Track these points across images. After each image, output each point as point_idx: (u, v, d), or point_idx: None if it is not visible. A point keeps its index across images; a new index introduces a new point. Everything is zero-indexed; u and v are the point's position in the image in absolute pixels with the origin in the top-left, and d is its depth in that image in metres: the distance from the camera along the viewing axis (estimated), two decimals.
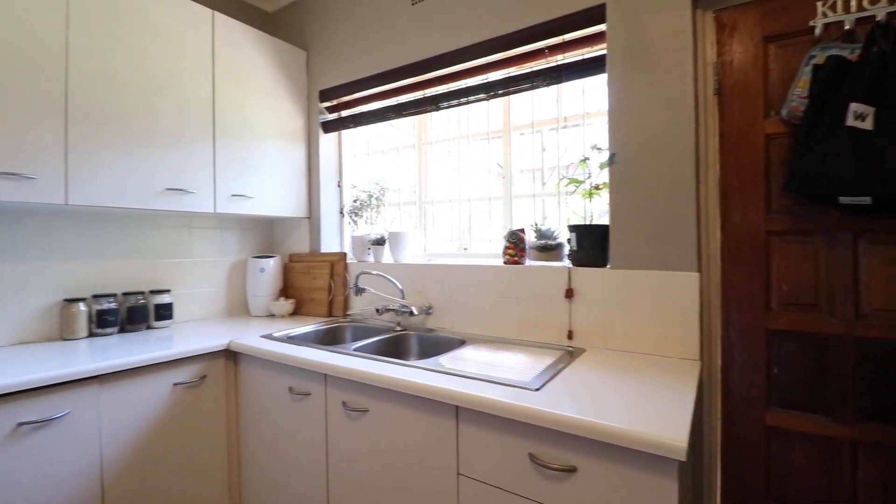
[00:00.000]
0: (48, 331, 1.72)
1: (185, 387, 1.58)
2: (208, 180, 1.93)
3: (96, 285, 1.85)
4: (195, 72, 1.88)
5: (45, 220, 1.73)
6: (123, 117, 1.66)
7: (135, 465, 1.45)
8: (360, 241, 2.18)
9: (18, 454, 1.22)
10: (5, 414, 1.20)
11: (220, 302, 2.29)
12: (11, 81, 1.41)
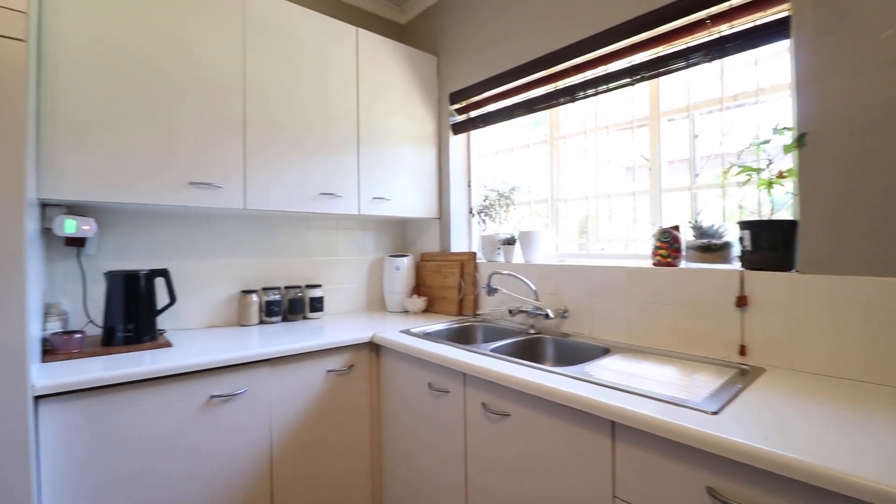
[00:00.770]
0: (228, 317, 2.02)
1: (336, 374, 1.71)
2: (353, 185, 2.08)
3: (264, 279, 2.12)
4: (343, 86, 2.05)
5: (226, 223, 2.03)
6: (285, 131, 1.87)
7: (296, 440, 1.61)
8: (490, 241, 2.16)
9: (210, 421, 1.43)
10: (202, 386, 1.42)
11: (360, 297, 2.46)
12: (207, 106, 1.67)
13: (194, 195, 1.64)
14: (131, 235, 1.79)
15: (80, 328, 1.62)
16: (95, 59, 1.45)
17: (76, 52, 1.42)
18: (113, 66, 1.48)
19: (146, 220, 1.82)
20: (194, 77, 1.64)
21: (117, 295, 1.53)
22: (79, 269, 1.65)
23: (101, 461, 1.25)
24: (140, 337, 1.54)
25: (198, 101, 1.65)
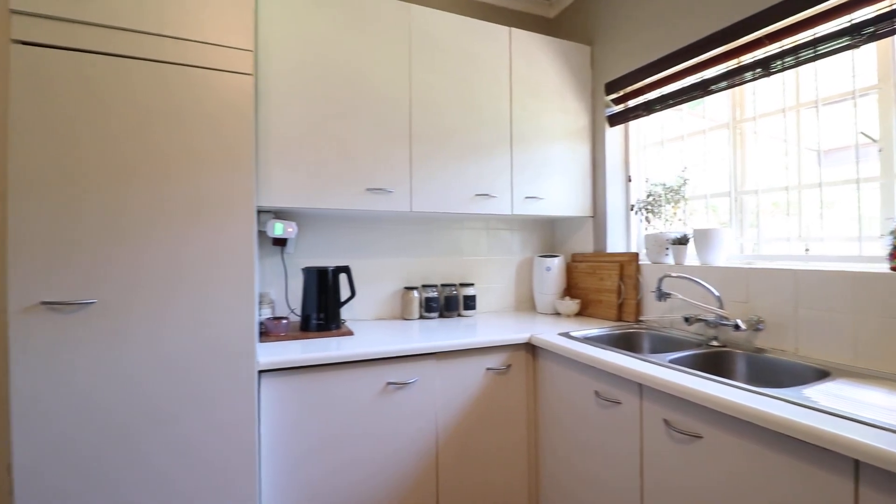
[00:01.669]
0: (392, 311, 2.19)
1: (495, 372, 1.73)
2: (506, 185, 2.08)
3: (423, 277, 2.25)
4: (496, 88, 2.06)
5: (391, 225, 2.20)
6: (444, 136, 1.95)
7: (458, 432, 1.67)
8: (656, 240, 1.96)
9: (386, 406, 1.56)
10: (380, 373, 1.55)
11: (509, 297, 2.46)
12: (379, 120, 1.83)
13: (370, 200, 1.80)
14: (319, 236, 2.05)
15: (284, 315, 1.92)
16: (293, 87, 1.69)
17: (280, 82, 1.67)
18: (306, 92, 1.71)
19: (330, 223, 2.08)
20: (368, 95, 1.81)
21: (311, 287, 1.77)
22: (282, 264, 1.95)
23: (303, 430, 1.45)
24: (329, 325, 1.76)
25: (371, 116, 1.82)
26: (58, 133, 1.18)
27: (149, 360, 1.25)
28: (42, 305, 1.14)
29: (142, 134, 1.25)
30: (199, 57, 1.32)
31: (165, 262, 1.27)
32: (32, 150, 1.16)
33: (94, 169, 1.21)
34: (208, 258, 1.31)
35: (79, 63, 1.20)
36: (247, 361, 1.34)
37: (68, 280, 1.17)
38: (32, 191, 1.15)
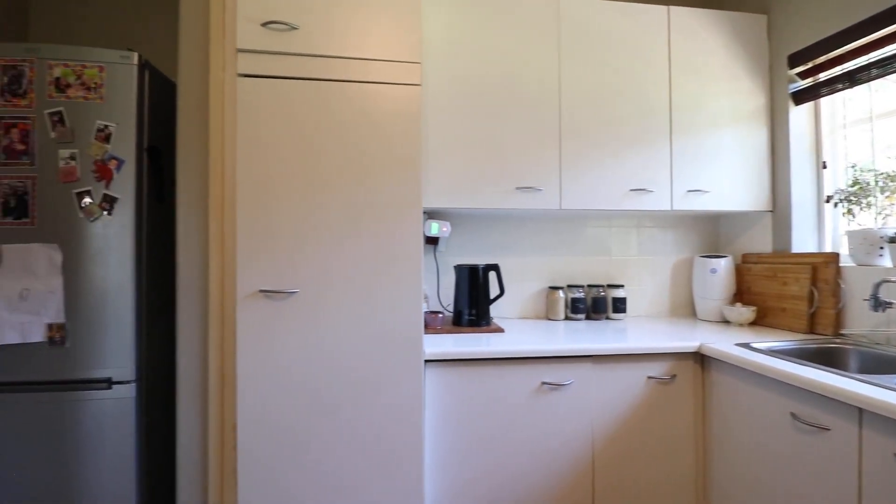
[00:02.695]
0: (536, 310, 2.16)
1: (657, 382, 1.60)
2: (665, 178, 1.92)
3: (568, 276, 2.19)
4: (652, 74, 1.91)
5: (536, 224, 2.18)
6: (595, 130, 1.86)
7: (615, 443, 1.58)
8: (866, 238, 1.62)
9: (540, 406, 1.54)
10: (535, 372, 1.54)
11: (663, 301, 2.26)
12: (530, 116, 1.82)
13: (520, 199, 1.81)
14: (466, 235, 2.12)
15: (437, 310, 2.03)
16: (446, 92, 1.77)
17: (435, 88, 1.76)
18: (458, 95, 1.78)
19: (476, 222, 2.13)
20: (517, 94, 1.81)
21: (463, 284, 1.83)
22: (434, 262, 2.06)
23: (462, 420, 1.51)
24: (479, 321, 1.81)
25: (520, 114, 1.82)
26: (271, 149, 1.40)
27: (337, 342, 1.41)
28: (260, 293, 1.37)
29: (333, 146, 1.43)
30: (376, 73, 1.45)
31: (350, 258, 1.42)
32: (253, 165, 1.39)
33: (297, 179, 1.41)
34: (384, 255, 1.44)
35: (285, 88, 1.42)
36: (415, 350, 1.44)
37: (278, 273, 1.39)
38: (253, 199, 1.39)
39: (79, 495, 1.38)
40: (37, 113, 1.39)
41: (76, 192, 1.39)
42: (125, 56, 1.44)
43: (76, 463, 1.38)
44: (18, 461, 1.37)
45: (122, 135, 1.43)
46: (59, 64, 1.41)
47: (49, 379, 1.37)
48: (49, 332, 1.37)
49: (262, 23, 1.40)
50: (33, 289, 1.36)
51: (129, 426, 1.40)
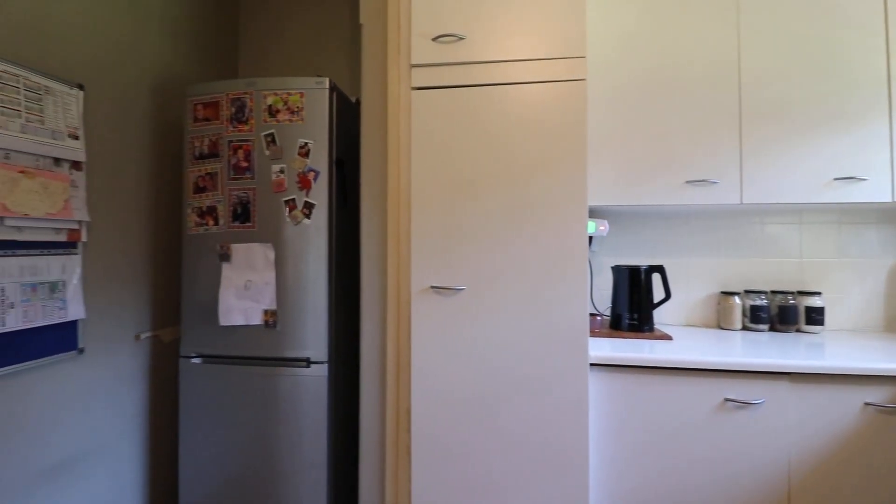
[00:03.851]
0: (705, 318, 1.95)
1: (878, 410, 1.32)
2: (883, 164, 1.57)
3: (746, 281, 1.93)
4: (862, 39, 1.58)
5: (705, 220, 1.96)
6: (785, 111, 1.61)
7: (819, 477, 1.35)
8: None
9: (720, 424, 1.39)
10: (715, 387, 1.39)
11: (875, 313, 1.86)
12: (701, 100, 1.65)
13: (691, 193, 1.65)
14: (621, 233, 2.01)
15: (592, 312, 1.96)
16: (603, 81, 1.69)
17: (590, 78, 1.69)
18: (615, 85, 1.68)
19: (632, 219, 2.01)
20: (685, 77, 1.65)
21: (622, 286, 1.74)
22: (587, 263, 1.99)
23: (627, 431, 1.43)
24: (641, 326, 1.69)
25: (689, 99, 1.65)
26: (440, 155, 1.50)
27: (501, 338, 1.45)
28: (431, 289, 1.47)
29: (498, 148, 1.47)
30: (539, 72, 1.45)
31: (515, 257, 1.45)
32: (424, 170, 1.50)
33: (464, 181, 1.48)
34: (549, 254, 1.43)
35: (452, 96, 1.50)
36: (580, 352, 1.41)
37: (447, 270, 1.48)
38: (425, 202, 1.50)
39: (281, 453, 1.64)
40: (255, 136, 1.68)
41: (284, 199, 1.65)
42: (319, 82, 1.67)
43: (281, 426, 1.64)
44: (238, 420, 1.67)
45: (318, 150, 1.65)
46: (271, 93, 1.68)
47: (263, 355, 1.65)
48: (265, 317, 1.65)
49: (433, 37, 1.50)
50: (254, 280, 1.65)
51: (322, 400, 1.61)
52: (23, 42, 1.37)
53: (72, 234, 1.47)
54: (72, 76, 1.51)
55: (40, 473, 1.40)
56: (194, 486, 1.70)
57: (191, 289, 1.72)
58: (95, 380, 1.59)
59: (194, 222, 1.72)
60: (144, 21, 1.82)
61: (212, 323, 1.68)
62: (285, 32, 2.41)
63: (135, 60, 1.77)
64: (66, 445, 1.48)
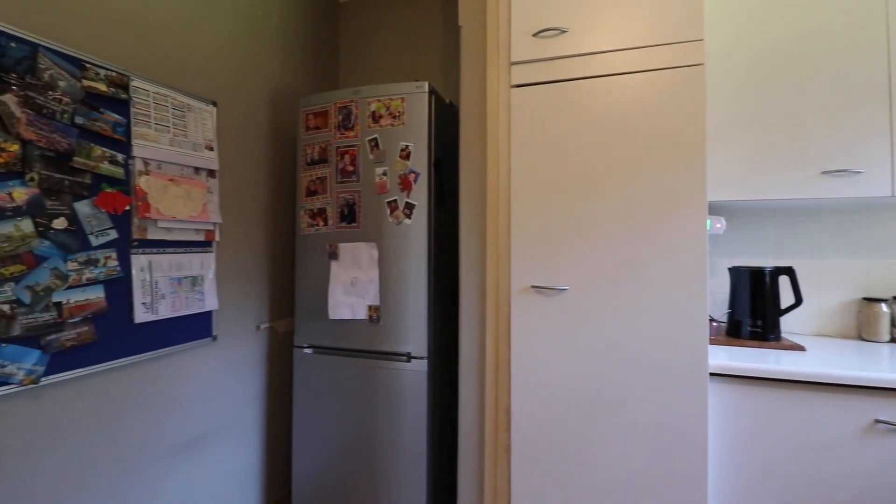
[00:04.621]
0: (842, 327, 1.71)
1: None
2: None
3: (894, 286, 1.67)
4: None
5: (837, 216, 1.72)
6: None
7: None
8: None
9: (869, 449, 1.21)
10: (863, 406, 1.22)
11: None
12: (839, 79, 1.44)
13: (828, 185, 1.46)
14: (738, 231, 1.83)
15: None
16: (721, 66, 1.54)
17: (708, 63, 1.55)
18: (736, 69, 1.53)
19: (752, 216, 1.82)
20: (819, 54, 1.46)
21: (743, 290, 1.58)
22: (706, 264, 1.84)
23: (747, 449, 1.30)
24: (766, 334, 1.53)
25: (825, 79, 1.46)
26: (541, 152, 1.47)
27: (607, 342, 1.39)
28: (532, 288, 1.45)
29: (602, 143, 1.41)
30: (649, 60, 1.37)
31: (623, 257, 1.38)
32: (524, 169, 1.48)
33: (566, 178, 1.44)
34: (661, 254, 1.35)
35: (552, 92, 1.46)
36: (698, 361, 1.31)
37: (549, 270, 1.45)
38: (525, 200, 1.48)
39: (383, 443, 1.71)
40: (360, 141, 1.78)
41: (387, 201, 1.73)
42: (419, 86, 1.72)
43: (383, 417, 1.72)
44: (344, 407, 1.78)
45: (418, 152, 1.71)
46: (374, 99, 1.77)
47: (368, 349, 1.74)
48: (369, 312, 1.73)
49: (533, 33, 1.48)
50: (359, 278, 1.74)
51: (422, 394, 1.66)
52: (172, 68, 1.57)
53: (208, 234, 1.66)
54: (208, 94, 1.71)
55: (186, 443, 1.61)
56: (306, 464, 1.84)
57: (303, 285, 1.87)
58: (225, 365, 1.78)
59: (306, 223, 1.86)
60: (263, 42, 2.01)
61: (321, 316, 1.81)
62: (379, 41, 2.52)
63: (255, 77, 1.96)
64: (202, 421, 1.68)
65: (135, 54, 1.45)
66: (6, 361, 1.11)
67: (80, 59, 1.27)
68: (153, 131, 1.47)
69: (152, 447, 1.50)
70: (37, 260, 1.17)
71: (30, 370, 1.15)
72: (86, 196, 1.28)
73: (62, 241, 1.22)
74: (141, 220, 1.42)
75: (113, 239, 1.34)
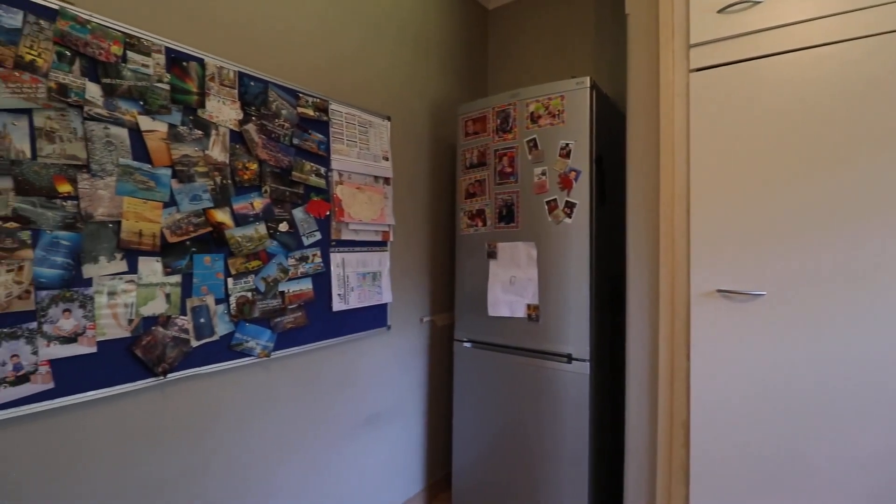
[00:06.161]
0: None
1: None
2: None
3: None
4: None
5: None
6: None
7: None
8: None
9: None
10: None
11: None
12: None
13: None
14: None
15: None
16: None
17: None
18: None
19: None
20: None
21: None
22: None
23: None
24: None
25: None
26: (727, 141, 1.32)
27: (817, 360, 1.19)
28: (717, 293, 1.31)
29: (807, 127, 1.21)
30: (872, 23, 1.13)
31: (839, 259, 1.17)
32: (707, 160, 1.35)
33: (760, 170, 1.27)
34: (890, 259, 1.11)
35: (739, 72, 1.30)
36: None
37: (739, 272, 1.29)
38: (708, 196, 1.34)
39: (542, 443, 1.71)
40: (518, 142, 1.81)
41: (546, 200, 1.73)
42: (580, 82, 1.68)
43: (542, 416, 1.72)
44: (502, 401, 1.82)
45: (578, 149, 1.67)
46: (533, 100, 1.78)
47: (527, 347, 1.77)
48: (528, 311, 1.76)
49: (718, 9, 1.33)
50: (518, 276, 1.78)
51: (583, 398, 1.62)
52: (359, 92, 1.80)
53: (384, 234, 1.86)
54: (383, 110, 1.91)
55: (365, 420, 1.82)
56: (465, 451, 1.94)
57: (462, 282, 1.97)
58: (394, 353, 1.97)
59: (466, 224, 1.96)
60: (426, 57, 2.18)
61: (480, 313, 1.89)
62: (526, 43, 2.53)
63: (418, 90, 2.13)
64: (378, 401, 1.89)
65: (331, 82, 1.69)
66: (249, 338, 1.39)
67: (295, 91, 1.54)
68: (345, 146, 1.70)
69: (345, 418, 1.74)
70: (268, 256, 1.44)
71: (264, 346, 1.43)
72: (300, 204, 1.54)
73: (285, 241, 1.49)
74: (337, 224, 1.66)
75: (318, 239, 1.59)
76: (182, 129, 1.24)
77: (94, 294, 1.08)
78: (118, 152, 1.12)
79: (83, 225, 1.07)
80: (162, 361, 1.19)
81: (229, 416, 1.37)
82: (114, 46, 1.12)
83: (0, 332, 0.96)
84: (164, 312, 1.20)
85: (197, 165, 1.27)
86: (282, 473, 1.52)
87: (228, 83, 1.35)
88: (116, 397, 1.13)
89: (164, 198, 1.20)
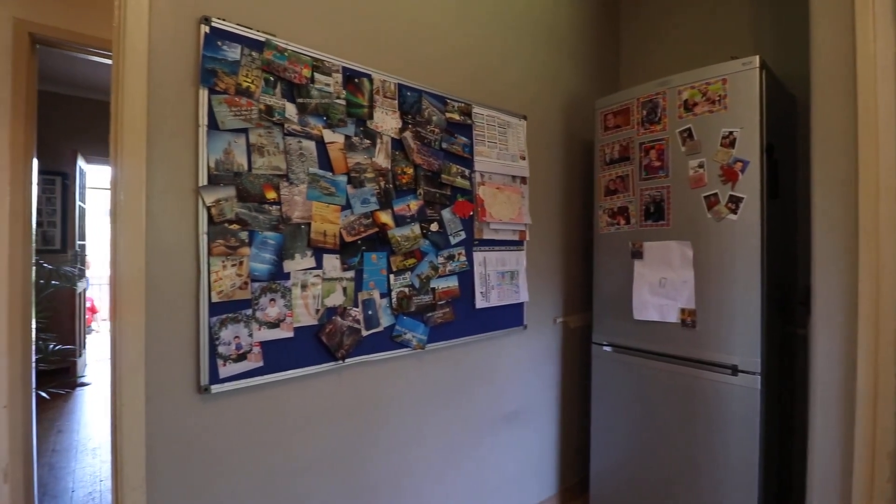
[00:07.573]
0: None
1: None
2: None
3: None
4: None
5: None
6: None
7: None
8: None
9: None
10: None
11: None
12: None
13: None
14: None
15: None
16: None
17: None
18: None
19: None
20: None
21: None
22: None
23: None
24: None
25: None
26: None
27: None
28: None
29: None
30: None
31: None
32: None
33: None
34: None
35: None
36: None
37: None
38: None
39: (700, 464, 1.58)
40: (669, 134, 1.69)
41: (704, 195, 1.59)
42: (747, 62, 1.51)
43: (699, 434, 1.58)
44: (649, 413, 1.72)
45: (745, 138, 1.51)
46: (686, 87, 1.65)
47: (680, 354, 1.64)
48: (681, 315, 1.63)
49: None
50: (670, 278, 1.66)
51: (753, 416, 1.46)
52: (497, 95, 1.83)
53: (521, 234, 1.87)
54: (519, 110, 1.92)
55: (502, 416, 1.85)
56: (605, 457, 1.87)
57: (601, 283, 1.90)
58: (529, 352, 1.97)
59: (605, 222, 1.88)
60: (558, 52, 2.13)
61: (620, 315, 1.80)
62: (662, 32, 2.34)
63: (551, 86, 2.10)
64: (515, 399, 1.90)
65: (473, 86, 1.75)
66: (406, 330, 1.49)
67: (443, 97, 1.61)
68: (486, 148, 1.74)
69: (486, 413, 1.78)
70: (422, 255, 1.53)
71: (419, 338, 1.52)
72: (447, 205, 1.61)
73: (435, 240, 1.57)
74: (479, 223, 1.70)
75: (463, 239, 1.65)
76: (355, 139, 1.38)
77: (291, 286, 1.25)
78: (308, 162, 1.28)
79: (284, 226, 1.24)
80: (340, 347, 1.33)
81: (391, 400, 1.49)
82: (304, 70, 1.28)
83: (227, 317, 1.15)
84: (341, 304, 1.34)
85: (366, 172, 1.40)
86: (431, 458, 1.61)
87: (390, 95, 1.47)
88: (307, 377, 1.29)
89: (341, 202, 1.34)
